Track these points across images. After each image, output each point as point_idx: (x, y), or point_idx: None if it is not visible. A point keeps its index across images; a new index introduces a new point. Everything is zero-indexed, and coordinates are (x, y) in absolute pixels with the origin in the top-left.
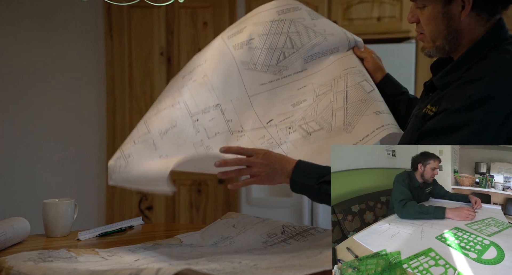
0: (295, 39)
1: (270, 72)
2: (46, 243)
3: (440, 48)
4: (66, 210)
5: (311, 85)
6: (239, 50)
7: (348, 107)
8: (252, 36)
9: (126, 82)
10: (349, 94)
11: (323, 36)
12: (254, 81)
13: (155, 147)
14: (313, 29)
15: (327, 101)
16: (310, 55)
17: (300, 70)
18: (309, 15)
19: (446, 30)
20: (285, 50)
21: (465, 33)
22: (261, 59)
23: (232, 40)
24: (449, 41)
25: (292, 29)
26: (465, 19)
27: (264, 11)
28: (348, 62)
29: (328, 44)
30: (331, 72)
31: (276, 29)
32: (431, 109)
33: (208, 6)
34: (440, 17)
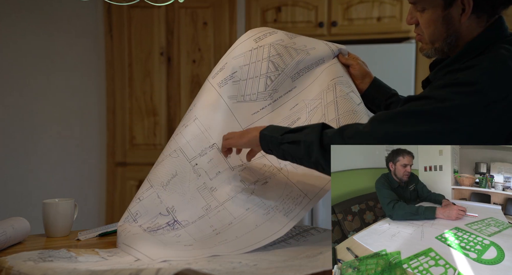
0: (278, 61)
1: (260, 99)
2: (46, 243)
3: (439, 50)
4: (66, 210)
5: (303, 102)
6: (224, 87)
7: (340, 118)
8: (234, 69)
9: (126, 82)
10: (339, 105)
11: (304, 51)
12: (245, 112)
13: (160, 200)
14: (293, 47)
15: (319, 114)
16: (297, 73)
17: (290, 89)
18: (287, 35)
19: (445, 33)
20: (270, 74)
21: (465, 35)
22: (248, 89)
23: (216, 78)
24: (448, 44)
25: (273, 52)
26: (465, 22)
27: (241, 42)
28: (335, 72)
29: (311, 58)
30: (320, 85)
31: (257, 57)
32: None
33: (208, 6)
34: (440, 21)
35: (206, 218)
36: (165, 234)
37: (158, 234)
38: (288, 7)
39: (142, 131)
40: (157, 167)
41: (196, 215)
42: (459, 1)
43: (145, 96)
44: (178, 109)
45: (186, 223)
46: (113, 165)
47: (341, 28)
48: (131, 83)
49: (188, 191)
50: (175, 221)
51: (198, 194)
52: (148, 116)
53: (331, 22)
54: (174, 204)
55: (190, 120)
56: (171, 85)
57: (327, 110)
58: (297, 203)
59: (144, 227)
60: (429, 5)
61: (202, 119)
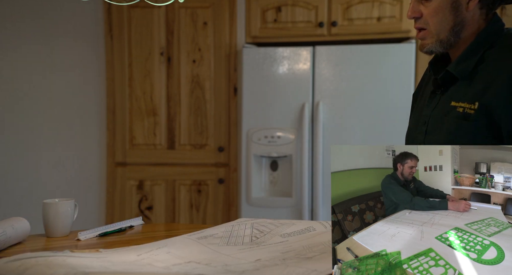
0: (262, 228)
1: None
2: (46, 243)
3: (444, 41)
4: (66, 210)
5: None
6: (202, 239)
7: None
8: (214, 232)
9: (126, 82)
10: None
11: (290, 223)
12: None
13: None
14: (279, 222)
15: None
16: (287, 233)
17: (281, 241)
18: (268, 220)
19: (453, 21)
20: (255, 235)
21: (469, 25)
22: (232, 239)
23: (193, 236)
24: (455, 33)
25: (256, 225)
26: (471, 11)
27: (222, 225)
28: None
29: (300, 225)
30: (317, 239)
31: (239, 226)
32: (470, 108)
33: (208, 6)
34: (449, 7)
35: None
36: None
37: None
38: (288, 7)
39: (142, 131)
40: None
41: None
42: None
43: (145, 96)
44: (178, 109)
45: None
46: (113, 165)
47: (341, 28)
48: (131, 83)
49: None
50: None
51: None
52: (148, 116)
53: (331, 22)
54: None
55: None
56: (171, 85)
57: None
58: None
59: None
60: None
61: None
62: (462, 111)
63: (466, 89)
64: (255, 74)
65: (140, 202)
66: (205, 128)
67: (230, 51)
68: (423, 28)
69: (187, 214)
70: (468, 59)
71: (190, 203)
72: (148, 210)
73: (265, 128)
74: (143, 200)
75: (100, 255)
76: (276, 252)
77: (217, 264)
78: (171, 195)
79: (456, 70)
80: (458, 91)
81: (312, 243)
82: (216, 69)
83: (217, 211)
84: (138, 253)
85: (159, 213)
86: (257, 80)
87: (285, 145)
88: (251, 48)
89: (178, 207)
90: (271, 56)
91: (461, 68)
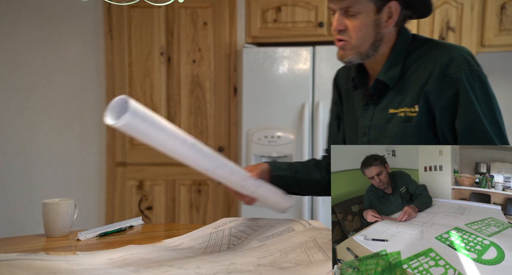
0: (240, 235)
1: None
2: (46, 243)
3: (364, 54)
4: (66, 210)
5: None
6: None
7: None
8: (191, 245)
9: (126, 82)
10: (318, 242)
11: (269, 225)
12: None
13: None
14: (257, 225)
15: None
16: (265, 237)
17: (259, 245)
18: (249, 219)
19: (373, 37)
20: (233, 242)
21: (386, 39)
22: (209, 248)
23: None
24: (375, 47)
25: (234, 230)
26: (389, 28)
27: (201, 229)
28: (309, 234)
29: (280, 226)
30: (295, 240)
31: (217, 235)
32: (411, 111)
33: (208, 6)
34: (372, 25)
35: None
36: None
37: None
38: (288, 7)
39: None
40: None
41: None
42: (387, 9)
43: (145, 96)
44: (178, 109)
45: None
46: (113, 165)
47: None
48: (131, 83)
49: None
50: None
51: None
52: None
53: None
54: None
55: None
56: (171, 85)
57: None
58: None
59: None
60: (363, 10)
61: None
62: (404, 115)
63: (401, 96)
64: (255, 74)
65: (140, 202)
66: (205, 128)
67: (230, 51)
68: (345, 40)
69: (187, 214)
70: (393, 67)
71: (190, 203)
72: (148, 210)
73: (265, 128)
74: (143, 200)
75: (71, 258)
76: (252, 257)
77: (189, 267)
78: (171, 195)
79: (386, 78)
80: (393, 100)
81: (290, 246)
82: (216, 69)
83: (217, 211)
84: (111, 257)
85: (159, 213)
86: (257, 80)
87: (285, 145)
88: (251, 48)
89: (178, 207)
90: (271, 56)
91: (390, 75)
